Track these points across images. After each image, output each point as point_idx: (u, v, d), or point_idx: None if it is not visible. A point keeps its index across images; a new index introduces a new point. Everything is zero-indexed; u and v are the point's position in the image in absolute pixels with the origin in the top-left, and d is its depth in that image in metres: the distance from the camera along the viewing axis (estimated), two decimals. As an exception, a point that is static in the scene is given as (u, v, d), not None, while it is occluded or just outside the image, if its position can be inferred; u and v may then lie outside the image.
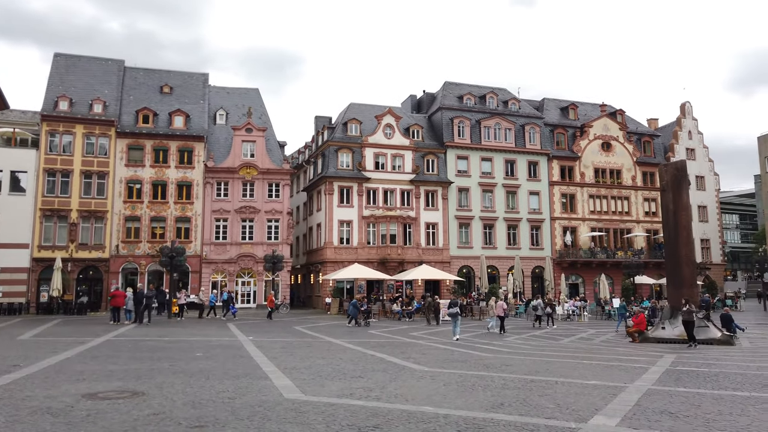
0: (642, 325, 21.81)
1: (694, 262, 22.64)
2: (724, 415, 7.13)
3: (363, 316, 27.17)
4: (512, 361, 13.11)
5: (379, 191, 43.29)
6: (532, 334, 23.45)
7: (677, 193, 22.74)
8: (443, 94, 49.42)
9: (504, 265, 45.03)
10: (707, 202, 53.79)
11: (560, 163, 49.09)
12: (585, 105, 53.96)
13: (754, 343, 20.72)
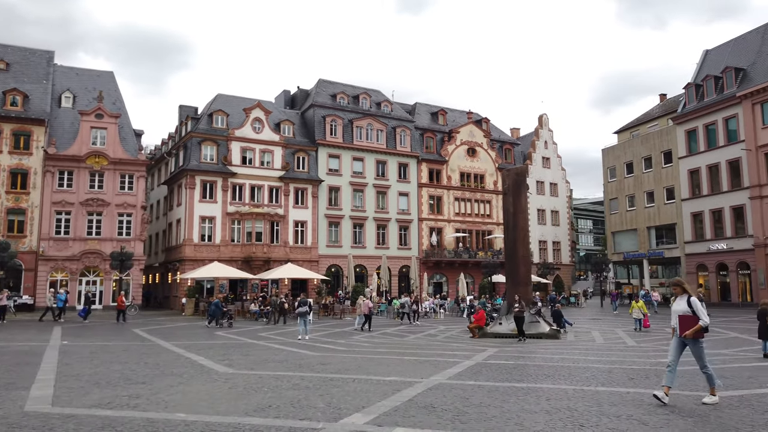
0: (481, 321, 22.77)
1: (529, 261, 24.10)
2: (484, 406, 7.31)
3: (225, 317, 25.92)
4: (332, 360, 12.88)
5: (245, 187, 41.77)
6: (383, 332, 23.62)
7: (517, 197, 24.07)
8: (317, 91, 48.96)
9: (372, 264, 45.49)
10: (559, 207, 58.46)
11: (429, 166, 50.69)
12: (454, 111, 56.28)
13: (578, 336, 22.34)
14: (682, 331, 7.68)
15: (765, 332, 14.22)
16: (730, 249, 40.40)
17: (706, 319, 7.58)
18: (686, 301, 7.73)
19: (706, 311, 7.90)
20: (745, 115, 39.45)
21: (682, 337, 7.70)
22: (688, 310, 7.68)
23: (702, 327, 7.59)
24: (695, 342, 7.64)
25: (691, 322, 7.61)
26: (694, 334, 7.57)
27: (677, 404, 7.57)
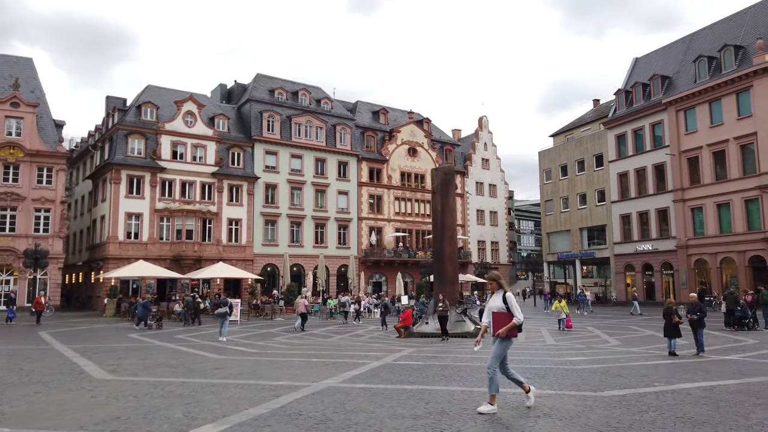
0: (408, 321, 22.54)
1: (456, 260, 24.06)
2: (354, 412, 6.93)
3: (154, 318, 24.66)
4: (232, 364, 12.22)
5: (176, 183, 40.15)
6: (312, 333, 23.07)
7: (445, 196, 23.98)
8: (254, 86, 47.73)
9: (310, 264, 44.68)
10: (498, 208, 59.39)
11: (369, 165, 50.36)
12: (395, 111, 56.20)
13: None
14: (495, 328, 7.12)
15: (670, 331, 14.56)
16: (655, 250, 42.00)
17: (520, 316, 7.05)
18: (502, 297, 7.20)
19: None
20: (670, 121, 41.10)
21: (495, 335, 7.13)
22: (503, 307, 7.14)
23: (516, 325, 7.06)
24: (505, 340, 7.10)
25: (505, 319, 7.08)
26: (507, 332, 7.06)
27: (556, 405, 7.41)
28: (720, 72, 38.39)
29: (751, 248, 35.29)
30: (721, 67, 38.57)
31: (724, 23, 42.02)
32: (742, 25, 39.76)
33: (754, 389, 8.77)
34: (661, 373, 10.71)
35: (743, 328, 21.12)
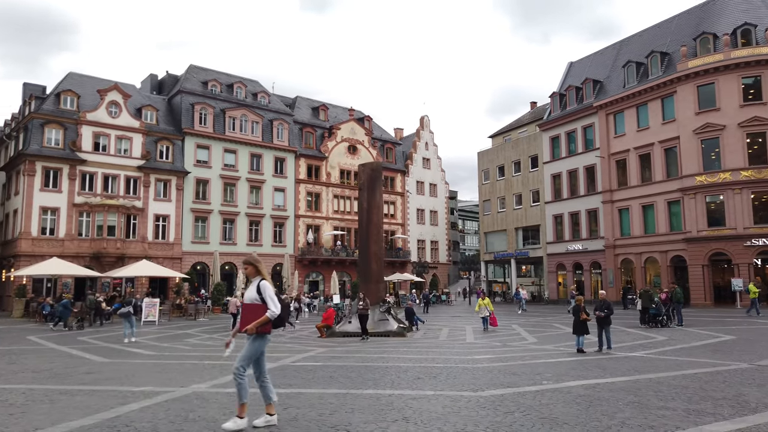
0: (330, 320, 21.94)
1: (382, 258, 23.63)
2: (189, 421, 6.25)
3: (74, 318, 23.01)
4: (106, 369, 11.25)
5: (98, 176, 38.00)
6: (226, 333, 22.07)
7: (371, 192, 23.51)
8: (186, 77, 45.92)
9: (243, 262, 43.25)
10: (438, 207, 59.60)
11: (308, 162, 49.40)
12: (336, 108, 55.46)
13: (426, 334, 22.16)
14: (243, 323, 5.82)
15: (578, 328, 14.55)
16: (585, 249, 43.05)
17: (275, 309, 5.80)
18: (256, 285, 5.93)
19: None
20: (600, 125, 42.21)
21: (242, 331, 5.83)
22: (256, 298, 5.87)
23: (269, 319, 5.78)
24: (258, 338, 5.85)
25: (257, 312, 5.81)
26: (259, 327, 5.78)
27: (424, 407, 6.96)
28: (647, 77, 39.70)
29: (672, 248, 36.61)
30: (648, 72, 39.90)
31: (652, 30, 43.54)
32: (668, 32, 41.29)
33: (637, 386, 8.63)
34: (557, 371, 10.52)
35: (657, 326, 21.64)
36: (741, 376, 9.68)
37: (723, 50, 34.93)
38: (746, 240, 32.95)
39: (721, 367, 10.94)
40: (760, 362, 11.63)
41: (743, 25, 35.19)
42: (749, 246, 32.94)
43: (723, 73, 34.56)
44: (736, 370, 10.60)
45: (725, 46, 34.89)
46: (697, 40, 36.81)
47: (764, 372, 10.29)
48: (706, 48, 36.17)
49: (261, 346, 5.95)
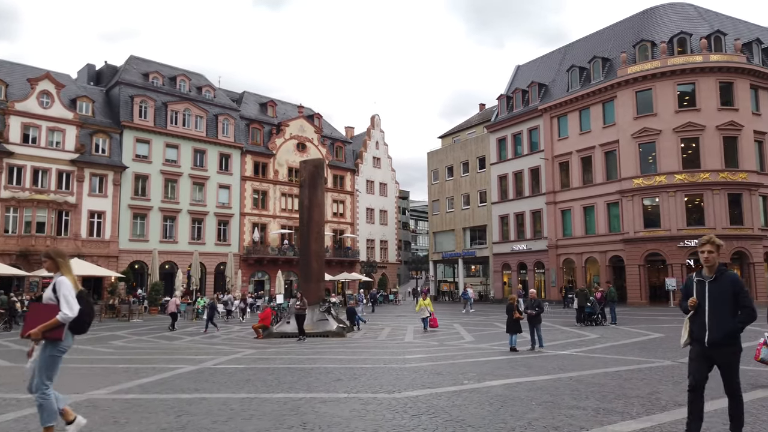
0: (267, 321, 21.33)
1: (323, 257, 23.19)
2: None
3: None
4: (7, 374, 10.37)
5: (26, 170, 35.90)
6: (161, 335, 21.18)
7: (313, 190, 23.01)
8: (126, 68, 44.04)
9: (185, 261, 41.84)
10: (388, 207, 59.48)
11: (254, 159, 48.29)
12: (285, 104, 54.52)
13: (366, 334, 21.88)
14: (27, 327, 4.90)
15: (511, 326, 14.53)
16: (529, 249, 43.80)
17: (68, 311, 4.86)
18: (53, 283, 5.04)
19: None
20: (545, 127, 43.04)
21: (26, 336, 4.90)
22: (51, 297, 4.96)
23: (59, 323, 4.84)
24: (48, 345, 4.90)
25: (47, 313, 4.88)
26: (46, 333, 4.84)
27: (329, 411, 6.59)
28: (590, 82, 40.73)
29: (611, 249, 37.67)
30: (590, 77, 40.93)
31: (595, 36, 44.74)
32: (610, 39, 42.50)
33: (556, 385, 8.54)
34: (483, 370, 10.37)
35: (592, 324, 22.05)
36: (661, 374, 9.78)
37: (660, 57, 36.19)
38: (679, 241, 34.21)
39: (644, 365, 11.06)
40: (682, 359, 11.84)
41: (679, 33, 36.56)
42: (682, 247, 34.20)
43: (660, 80, 35.79)
44: (658, 367, 10.73)
45: (662, 54, 36.16)
46: (636, 47, 38.01)
47: (684, 369, 10.43)
48: (644, 55, 37.39)
49: (54, 354, 4.94)
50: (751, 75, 35.54)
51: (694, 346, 5.00)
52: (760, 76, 35.86)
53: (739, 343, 4.87)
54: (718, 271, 4.92)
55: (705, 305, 4.87)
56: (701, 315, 4.90)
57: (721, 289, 4.85)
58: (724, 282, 4.89)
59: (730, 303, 4.82)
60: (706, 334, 4.85)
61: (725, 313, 4.82)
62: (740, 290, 4.82)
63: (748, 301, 4.80)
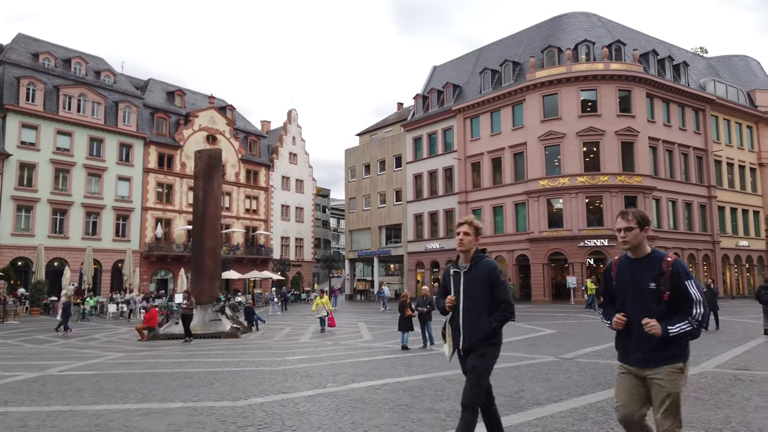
0: (152, 322, 19.78)
1: (218, 253, 21.84)
2: None
3: None
4: None
5: None
6: (33, 338, 19.14)
7: (208, 182, 21.63)
8: (12, 47, 40.12)
9: (77, 258, 38.63)
10: (304, 204, 58.24)
11: (159, 150, 45.54)
12: (196, 94, 51.98)
13: (264, 334, 20.89)
14: None
15: (403, 324, 14.13)
16: (442, 248, 44.17)
17: None
18: None
19: None
20: (459, 128, 43.58)
21: None
22: None
23: None
24: None
25: None
26: None
27: (146, 425, 5.66)
28: (501, 85, 41.62)
29: (518, 248, 38.65)
30: (501, 80, 41.85)
31: (507, 40, 45.87)
32: (521, 43, 43.70)
33: (422, 386, 8.06)
34: (358, 371, 9.76)
35: (492, 321, 22.21)
36: (537, 371, 9.57)
37: (566, 64, 37.53)
38: (580, 241, 35.59)
39: (527, 361, 10.89)
40: (565, 355, 11.82)
41: (583, 41, 38.10)
42: (583, 246, 35.61)
43: (565, 85, 37.11)
44: (538, 363, 10.57)
45: (568, 60, 37.52)
46: (544, 52, 39.23)
47: (563, 365, 10.33)
48: (551, 61, 38.65)
49: None
50: (647, 84, 37.63)
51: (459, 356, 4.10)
52: (655, 86, 38.06)
53: (496, 347, 3.95)
54: (474, 259, 3.98)
55: (459, 302, 3.96)
56: (457, 315, 3.98)
57: (476, 281, 3.93)
58: (479, 271, 3.94)
59: (487, 298, 3.90)
60: (461, 339, 3.94)
61: (481, 312, 3.89)
62: (496, 281, 3.92)
63: (504, 294, 3.93)
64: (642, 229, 3.41)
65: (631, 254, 3.46)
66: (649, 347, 3.30)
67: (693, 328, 3.25)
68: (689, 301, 3.25)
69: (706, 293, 17.16)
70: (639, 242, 3.42)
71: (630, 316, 3.39)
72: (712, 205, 41.30)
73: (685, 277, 3.28)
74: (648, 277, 3.34)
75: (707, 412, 6.18)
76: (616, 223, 3.54)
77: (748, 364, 9.95)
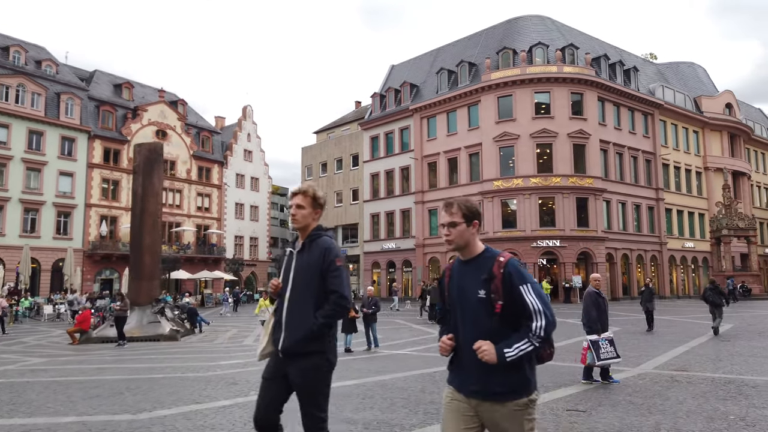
0: (84, 324, 18.69)
1: (158, 252, 20.87)
2: None
3: None
4: None
5: None
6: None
7: (148, 177, 20.62)
8: (-58, 30, 37.61)
9: (13, 257, 36.55)
10: (260, 202, 56.94)
11: (105, 145, 43.61)
12: (145, 88, 50.12)
13: (207, 336, 20.09)
14: None
15: (346, 326, 13.64)
16: (398, 248, 43.91)
17: None
18: None
19: None
20: (416, 128, 43.39)
21: None
22: None
23: None
24: None
25: None
26: None
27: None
28: (457, 85, 41.64)
29: (473, 248, 38.65)
30: (458, 80, 41.87)
31: (464, 41, 45.99)
32: (477, 44, 43.85)
33: (351, 393, 7.58)
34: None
35: (443, 321, 21.98)
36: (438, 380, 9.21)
37: (520, 65, 37.81)
38: (533, 241, 35.90)
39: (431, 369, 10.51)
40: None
41: (538, 44, 38.47)
42: (536, 247, 35.93)
43: (519, 87, 37.37)
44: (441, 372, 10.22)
45: (522, 62, 37.81)
46: (499, 54, 39.44)
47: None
48: (506, 62, 38.89)
49: None
50: (599, 88, 38.29)
51: (272, 357, 3.25)
52: (606, 89, 38.77)
53: (323, 357, 3.14)
54: (310, 237, 3.22)
55: (286, 290, 3.19)
56: (281, 306, 3.22)
57: (307, 265, 3.15)
58: (313, 253, 3.16)
59: (317, 287, 3.10)
60: (281, 337, 3.14)
61: (308, 304, 3.09)
62: (330, 266, 3.11)
63: (338, 282, 3.12)
64: (470, 223, 2.67)
65: (461, 255, 2.71)
66: (484, 377, 2.51)
67: (534, 347, 2.46)
68: (527, 313, 2.48)
69: (643, 293, 17.20)
70: (467, 241, 2.65)
71: (461, 336, 2.61)
72: (660, 207, 42.41)
73: (519, 281, 2.51)
74: (476, 283, 2.57)
75: (638, 418, 5.92)
76: (440, 218, 2.82)
77: (687, 365, 9.89)
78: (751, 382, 8.07)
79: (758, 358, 10.63)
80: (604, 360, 8.18)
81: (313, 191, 3.28)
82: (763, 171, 55.68)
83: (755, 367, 9.62)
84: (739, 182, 48.98)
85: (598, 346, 8.26)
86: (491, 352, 2.44)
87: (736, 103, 51.06)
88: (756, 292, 38.47)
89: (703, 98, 48.55)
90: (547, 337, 2.47)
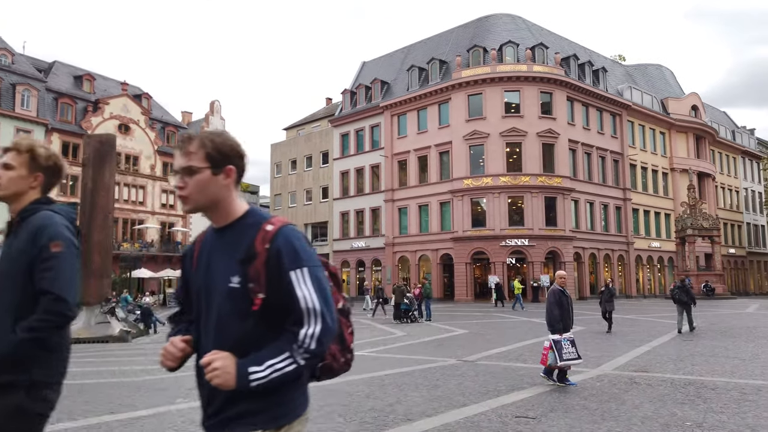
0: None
1: (109, 249, 19.92)
2: None
3: None
4: None
5: None
6: None
7: (99, 170, 19.66)
8: None
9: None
10: (227, 200, 55.77)
11: (63, 138, 41.95)
12: (107, 80, 48.51)
13: (161, 337, 19.18)
14: None
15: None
16: (368, 247, 43.35)
17: None
18: None
19: None
20: (386, 125, 42.88)
21: None
22: None
23: None
24: None
25: None
26: None
27: None
28: (428, 83, 41.28)
29: (442, 247, 38.38)
30: (428, 78, 41.51)
31: (434, 39, 45.67)
32: (448, 42, 43.57)
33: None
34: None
35: (408, 321, 21.53)
36: (429, 376, 8.75)
37: (490, 64, 37.63)
38: (502, 240, 35.73)
39: (425, 365, 10.10)
40: (467, 358, 11.15)
41: (508, 43, 38.35)
42: (504, 246, 35.77)
43: (489, 85, 37.18)
44: (435, 367, 9.79)
45: (492, 60, 37.63)
46: (470, 52, 39.20)
47: (460, 369, 9.59)
48: (477, 60, 38.67)
49: None
50: (568, 87, 38.36)
51: None
52: (575, 89, 38.87)
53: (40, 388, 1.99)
54: (24, 213, 2.08)
55: None
56: None
57: (13, 252, 2.03)
58: (23, 235, 2.03)
59: (22, 283, 1.99)
60: None
61: (7, 312, 1.99)
62: (42, 252, 1.97)
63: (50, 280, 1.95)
64: (218, 170, 1.66)
65: (212, 222, 1.77)
66: (221, 402, 1.63)
67: (298, 366, 1.57)
68: (296, 313, 1.58)
69: (603, 293, 16.75)
70: (215, 197, 1.69)
71: (202, 342, 1.71)
72: (627, 207, 42.77)
73: (290, 262, 1.59)
74: (229, 265, 1.64)
75: (590, 425, 5.48)
76: (175, 162, 1.74)
77: (648, 366, 9.58)
78: (710, 384, 7.75)
79: (719, 358, 10.40)
80: (566, 361, 7.81)
81: (30, 145, 2.14)
82: (728, 173, 56.81)
83: (716, 367, 9.36)
84: (703, 183, 49.80)
85: (561, 346, 7.88)
86: (227, 371, 1.54)
87: (702, 105, 51.94)
88: (719, 292, 39.06)
89: (670, 100, 49.23)
90: (320, 351, 1.59)
